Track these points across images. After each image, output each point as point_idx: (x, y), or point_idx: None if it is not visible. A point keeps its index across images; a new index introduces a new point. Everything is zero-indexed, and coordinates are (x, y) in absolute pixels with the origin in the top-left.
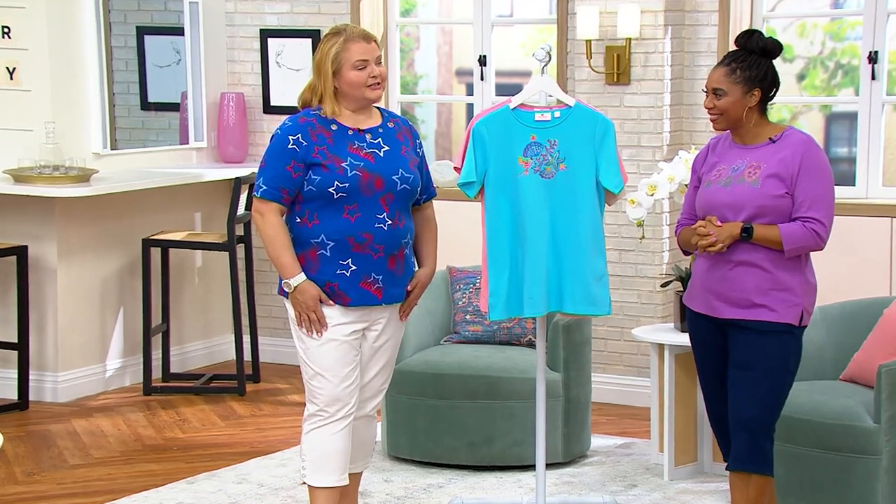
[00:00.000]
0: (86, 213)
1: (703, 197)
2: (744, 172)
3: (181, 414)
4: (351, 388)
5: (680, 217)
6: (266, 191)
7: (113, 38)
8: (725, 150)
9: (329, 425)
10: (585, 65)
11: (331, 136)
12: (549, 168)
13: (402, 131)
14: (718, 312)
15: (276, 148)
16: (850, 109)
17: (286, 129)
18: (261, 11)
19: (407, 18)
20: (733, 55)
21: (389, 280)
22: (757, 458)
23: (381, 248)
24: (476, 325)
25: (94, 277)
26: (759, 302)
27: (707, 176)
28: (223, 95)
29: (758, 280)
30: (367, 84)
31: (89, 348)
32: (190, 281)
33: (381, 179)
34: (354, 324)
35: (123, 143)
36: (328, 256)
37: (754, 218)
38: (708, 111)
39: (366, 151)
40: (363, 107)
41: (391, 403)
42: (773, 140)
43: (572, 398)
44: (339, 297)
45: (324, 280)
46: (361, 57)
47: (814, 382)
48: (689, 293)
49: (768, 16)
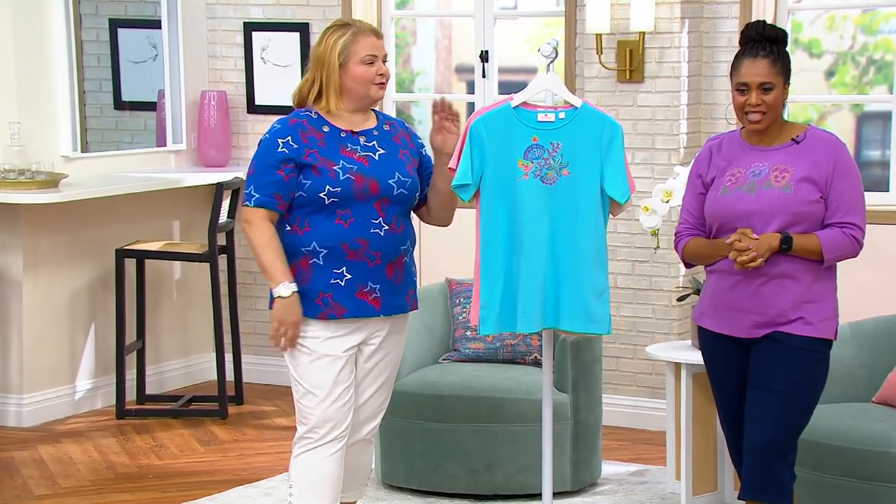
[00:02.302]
0: (54, 221)
1: (721, 204)
2: (769, 177)
3: (157, 439)
4: (345, 408)
5: (679, 226)
6: (259, 199)
7: (84, 31)
8: (737, 152)
9: (320, 448)
10: (595, 61)
11: (322, 137)
12: (551, 173)
13: (399, 133)
14: (747, 332)
15: (266, 152)
16: (884, 109)
17: (275, 131)
18: (244, 3)
19: (403, 11)
20: (762, 46)
21: (388, 289)
22: (773, 488)
23: (378, 254)
24: (477, 342)
25: (62, 291)
26: (795, 315)
27: (720, 181)
28: (204, 94)
29: (794, 293)
30: (375, 81)
31: (57, 368)
32: (167, 295)
33: (377, 184)
34: (350, 337)
35: (95, 145)
36: (321, 265)
37: (788, 227)
38: (752, 109)
39: (359, 155)
40: (363, 107)
41: (386, 427)
42: (797, 140)
43: (581, 421)
44: (334, 309)
45: (317, 291)
46: (371, 52)
47: (844, 405)
48: (704, 311)
49: (794, 7)
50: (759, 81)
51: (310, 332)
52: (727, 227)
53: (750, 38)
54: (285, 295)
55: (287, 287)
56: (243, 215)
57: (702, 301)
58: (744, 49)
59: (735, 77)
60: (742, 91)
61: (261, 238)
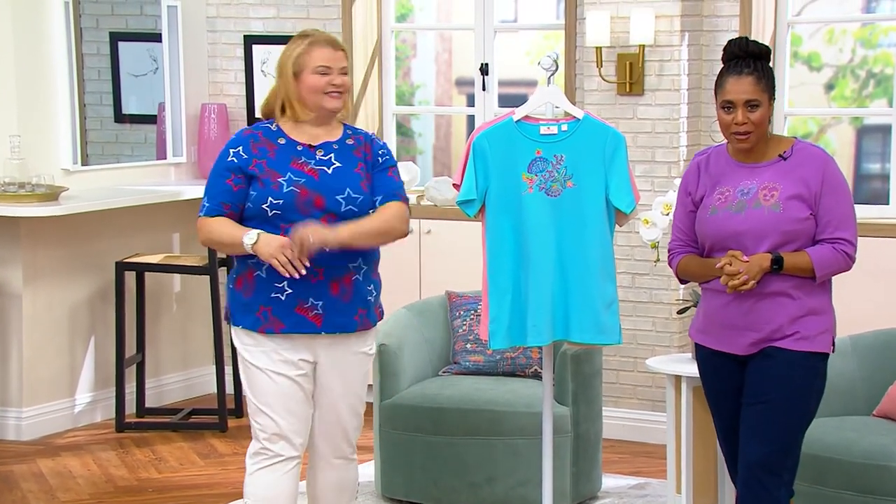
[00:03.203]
0: (54, 234)
1: (712, 225)
2: (757, 196)
3: (157, 452)
4: (298, 425)
5: (672, 242)
6: (208, 208)
7: (84, 44)
8: (724, 170)
9: (275, 465)
10: (595, 74)
11: (274, 149)
12: (556, 185)
13: (362, 147)
14: (744, 349)
15: (218, 164)
16: (883, 122)
17: (229, 142)
18: (245, 16)
19: (403, 24)
20: (747, 63)
21: (331, 307)
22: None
23: (321, 270)
24: (477, 354)
25: (62, 304)
26: (791, 330)
27: (709, 200)
28: (204, 107)
29: (789, 309)
30: (326, 91)
31: (57, 381)
32: (167, 308)
33: (322, 199)
34: (294, 353)
35: (95, 158)
36: (264, 278)
37: (779, 246)
38: (738, 128)
39: (311, 167)
40: (323, 118)
41: (386, 440)
42: (784, 157)
43: (582, 434)
44: (273, 324)
45: (258, 303)
46: (324, 63)
47: (845, 418)
48: (700, 328)
49: (794, 21)
50: (745, 99)
51: (254, 346)
52: (719, 247)
53: (733, 54)
54: (254, 240)
55: (250, 234)
56: (197, 225)
57: (697, 317)
58: (727, 66)
59: (720, 95)
60: (728, 109)
61: (212, 226)
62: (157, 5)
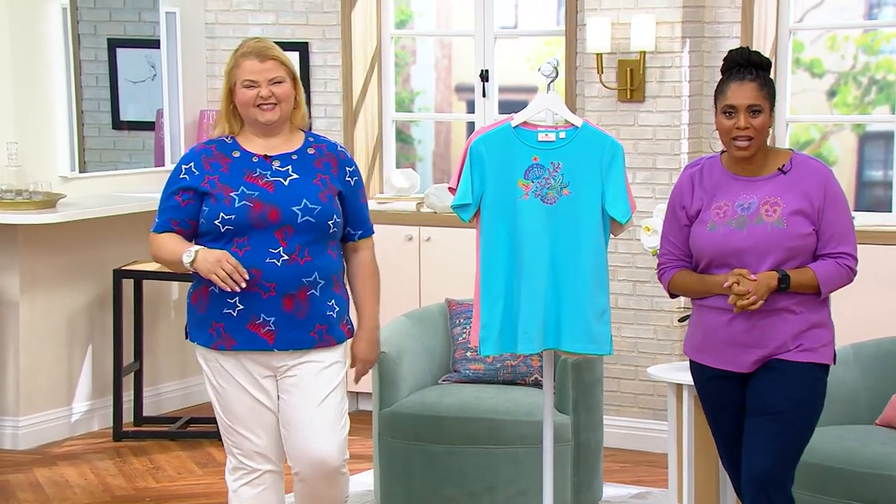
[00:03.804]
0: (52, 241)
1: (711, 241)
2: (759, 211)
3: (155, 461)
4: (269, 441)
5: (662, 257)
6: (158, 224)
7: (82, 51)
8: (719, 183)
9: (255, 480)
10: (596, 80)
11: (228, 164)
12: (552, 193)
13: (325, 157)
14: (747, 366)
15: (169, 181)
16: (886, 129)
17: (181, 158)
18: (244, 22)
19: (402, 30)
20: (749, 70)
21: (285, 323)
22: None
23: (272, 285)
24: (477, 363)
25: (60, 312)
26: (795, 343)
27: (706, 215)
28: (203, 113)
29: (793, 325)
30: (256, 104)
31: (54, 390)
32: (165, 315)
33: (277, 211)
34: (251, 368)
35: (93, 165)
36: (216, 294)
37: (783, 262)
38: (739, 133)
39: (266, 180)
40: (265, 131)
41: (385, 449)
42: (784, 170)
43: (582, 443)
44: (225, 340)
45: (210, 319)
46: (250, 77)
47: (847, 427)
48: (698, 347)
49: (795, 27)
50: (748, 104)
51: (213, 363)
52: (718, 263)
53: (735, 62)
54: (193, 252)
55: (189, 250)
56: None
57: (693, 335)
58: (729, 73)
59: (721, 101)
60: (729, 114)
61: (157, 241)
62: (155, 11)
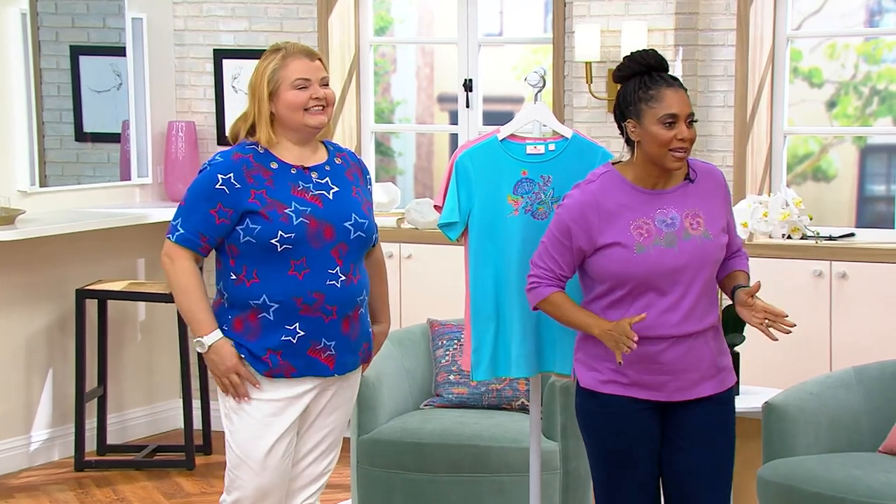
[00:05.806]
0: (10, 260)
1: (644, 264)
2: (684, 226)
3: (119, 492)
4: (281, 479)
5: (539, 269)
6: (182, 235)
7: (42, 58)
8: (625, 202)
9: None
10: (585, 90)
11: (271, 176)
12: (542, 207)
13: (352, 168)
14: (682, 394)
15: (202, 187)
16: (888, 142)
17: (216, 165)
18: (215, 29)
19: (382, 38)
20: (670, 76)
21: (343, 346)
22: None
23: (335, 309)
24: (461, 386)
25: (18, 334)
26: (722, 365)
27: (626, 236)
28: (171, 125)
29: (717, 341)
30: (308, 107)
31: (11, 417)
32: (131, 338)
33: (332, 228)
34: (298, 399)
35: (54, 179)
36: (271, 321)
37: (713, 275)
38: (681, 144)
39: (312, 194)
40: (306, 138)
41: (364, 477)
42: (692, 179)
43: (571, 471)
44: (283, 368)
45: (266, 347)
46: (302, 75)
47: (849, 455)
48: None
49: (793, 35)
50: (688, 112)
51: (254, 394)
52: (644, 288)
53: (649, 66)
54: (209, 344)
55: (210, 336)
56: (164, 249)
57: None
58: (650, 79)
59: (659, 108)
60: (670, 124)
61: (181, 279)
62: (121, 17)
